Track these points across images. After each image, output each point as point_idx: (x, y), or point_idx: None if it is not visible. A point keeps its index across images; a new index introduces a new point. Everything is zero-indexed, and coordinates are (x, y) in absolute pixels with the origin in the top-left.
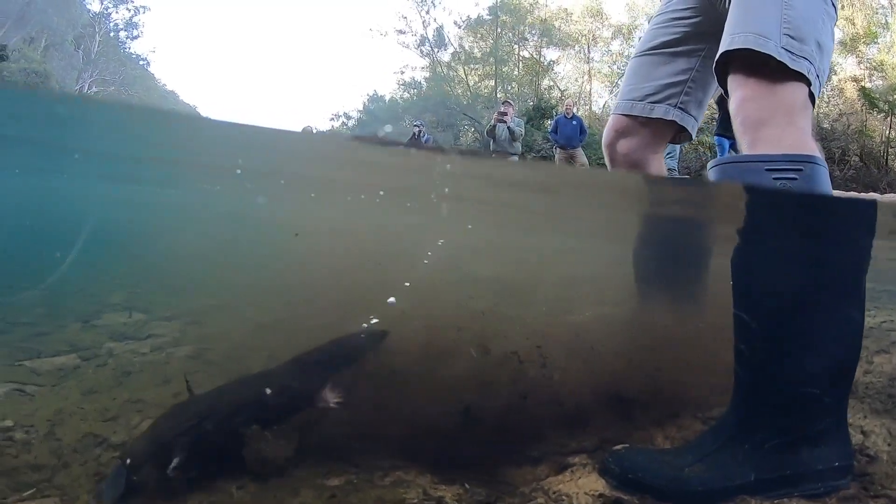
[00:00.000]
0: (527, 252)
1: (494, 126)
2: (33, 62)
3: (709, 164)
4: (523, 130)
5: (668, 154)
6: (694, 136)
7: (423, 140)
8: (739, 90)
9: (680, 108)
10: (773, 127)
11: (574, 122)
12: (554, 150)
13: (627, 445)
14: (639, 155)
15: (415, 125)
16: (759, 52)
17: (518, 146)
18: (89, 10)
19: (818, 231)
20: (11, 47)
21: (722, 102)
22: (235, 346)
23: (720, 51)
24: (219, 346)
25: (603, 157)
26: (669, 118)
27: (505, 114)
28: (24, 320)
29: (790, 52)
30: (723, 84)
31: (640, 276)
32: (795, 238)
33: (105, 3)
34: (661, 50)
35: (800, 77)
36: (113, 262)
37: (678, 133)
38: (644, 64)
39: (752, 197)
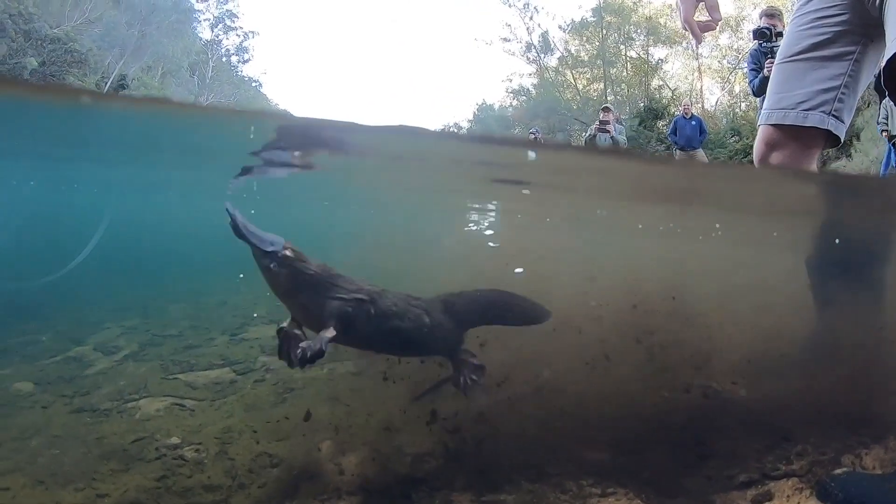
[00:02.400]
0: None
1: (595, 136)
2: (152, 89)
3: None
4: (626, 138)
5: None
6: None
7: None
8: None
9: (834, 115)
10: None
11: (693, 123)
12: (674, 151)
13: (848, 469)
14: (792, 167)
15: (531, 132)
16: None
17: None
18: (201, 38)
19: None
20: (131, 76)
21: None
22: (393, 362)
23: (887, 56)
24: (377, 362)
25: (723, 158)
26: (825, 127)
27: (606, 122)
28: (171, 332)
29: None
30: (891, 88)
31: (822, 284)
32: None
33: (216, 30)
34: (809, 54)
35: None
36: (253, 275)
37: (825, 141)
38: (793, 70)
39: None
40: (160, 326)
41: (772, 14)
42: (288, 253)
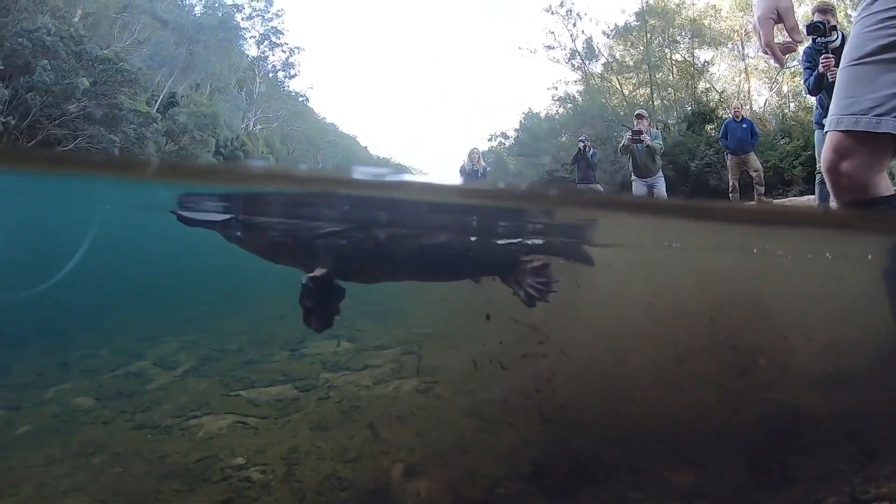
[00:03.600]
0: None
1: (628, 146)
2: (202, 105)
3: None
4: (661, 143)
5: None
6: None
7: (590, 155)
8: None
9: None
10: None
11: (744, 126)
12: (725, 155)
13: None
14: (864, 175)
15: (580, 141)
16: None
17: (659, 162)
18: (248, 55)
19: None
20: (180, 93)
21: None
22: (462, 379)
23: None
24: (444, 379)
25: (773, 161)
26: None
27: (640, 132)
28: (231, 347)
29: None
30: None
31: None
32: None
33: (262, 47)
34: (878, 56)
35: None
36: None
37: None
38: (862, 73)
39: None
40: (219, 341)
41: (824, 10)
42: (242, 216)
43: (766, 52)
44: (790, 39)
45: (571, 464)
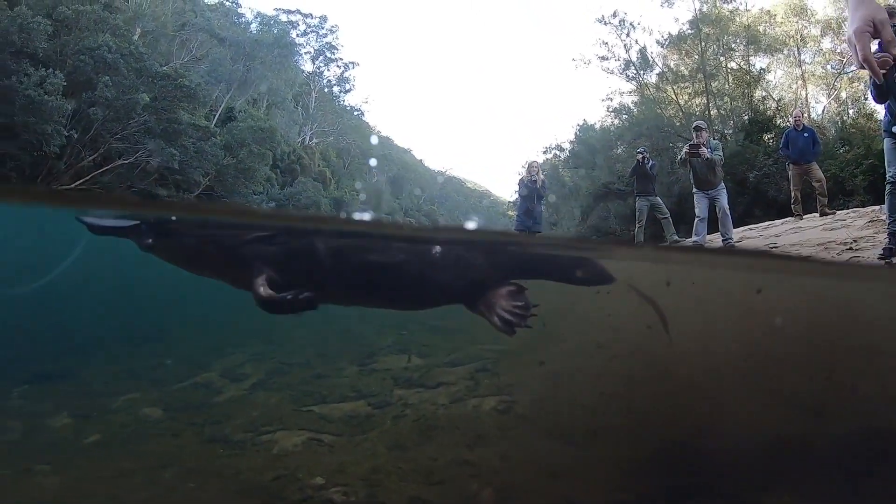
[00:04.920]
0: None
1: (687, 160)
2: (259, 120)
3: None
4: (721, 154)
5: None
6: None
7: (649, 167)
8: None
9: None
10: None
11: (806, 135)
12: (787, 166)
13: None
14: None
15: (638, 152)
16: None
17: (720, 173)
18: (303, 70)
19: None
20: (238, 108)
21: None
22: (541, 398)
23: None
24: (523, 398)
25: (833, 170)
26: None
27: (698, 145)
28: (297, 360)
29: None
30: None
31: None
32: None
33: (317, 62)
34: None
35: None
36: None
37: None
38: None
39: None
40: (285, 354)
41: (892, 13)
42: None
43: (863, 67)
44: (884, 53)
45: (672, 491)
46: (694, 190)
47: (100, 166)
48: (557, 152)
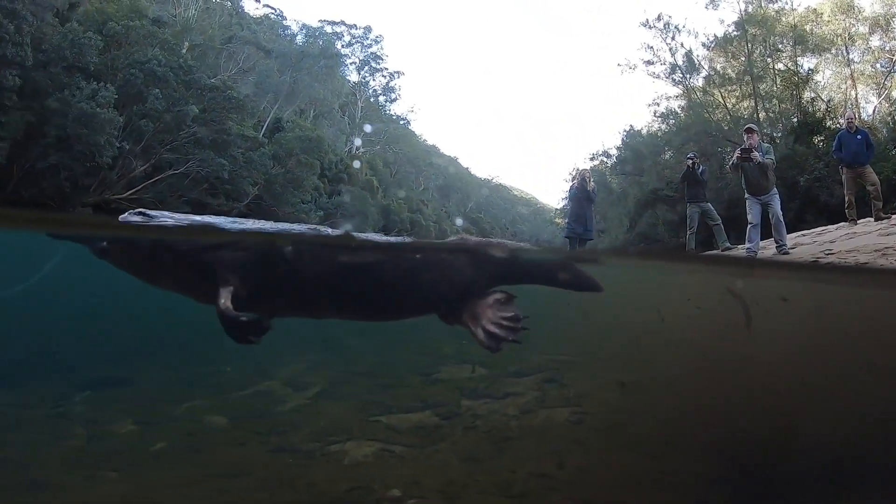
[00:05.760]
0: None
1: (738, 165)
2: (306, 130)
3: None
4: (773, 158)
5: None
6: None
7: (699, 172)
8: None
9: None
10: None
11: (859, 137)
12: (840, 169)
13: None
14: None
15: (688, 158)
16: None
17: (772, 178)
18: (349, 81)
19: None
20: (285, 119)
21: None
22: (613, 410)
23: None
24: (595, 410)
25: (886, 172)
26: None
27: (750, 149)
28: (360, 369)
29: None
30: None
31: None
32: None
33: (362, 72)
34: None
35: None
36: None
37: None
38: None
39: None
40: (346, 363)
41: None
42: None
43: None
44: None
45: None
46: (746, 195)
47: (151, 176)
48: (604, 159)
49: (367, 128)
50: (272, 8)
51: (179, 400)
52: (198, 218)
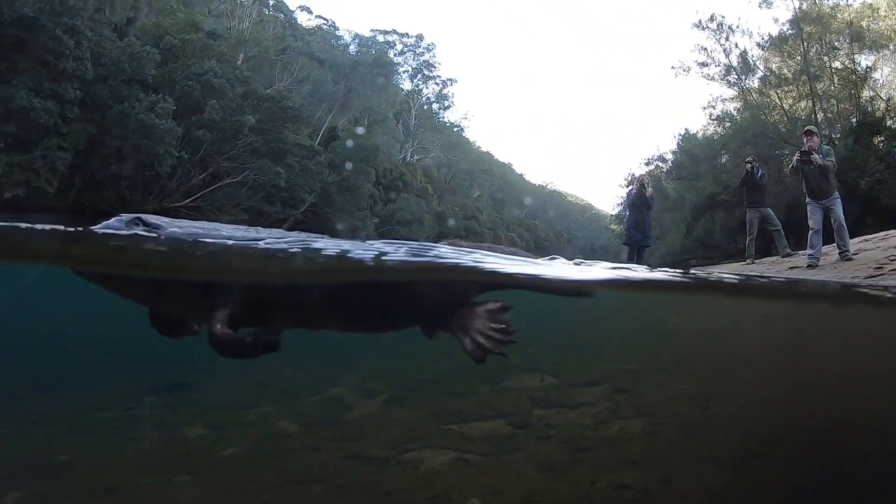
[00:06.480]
0: None
1: (798, 168)
2: (361, 138)
3: None
4: (835, 160)
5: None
6: None
7: (759, 176)
8: None
9: None
10: None
11: None
12: None
13: None
14: None
15: (747, 161)
16: None
17: (833, 181)
18: (402, 89)
19: None
20: (340, 127)
21: None
22: (688, 421)
23: None
24: (669, 421)
25: None
26: None
27: (809, 152)
28: (428, 376)
29: None
30: None
31: None
32: None
33: (415, 81)
34: None
35: None
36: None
37: None
38: None
39: None
40: (412, 369)
41: None
42: None
43: None
44: None
45: None
46: (806, 200)
47: (209, 185)
48: (660, 163)
49: (421, 135)
50: (324, 19)
51: (247, 406)
52: (208, 225)
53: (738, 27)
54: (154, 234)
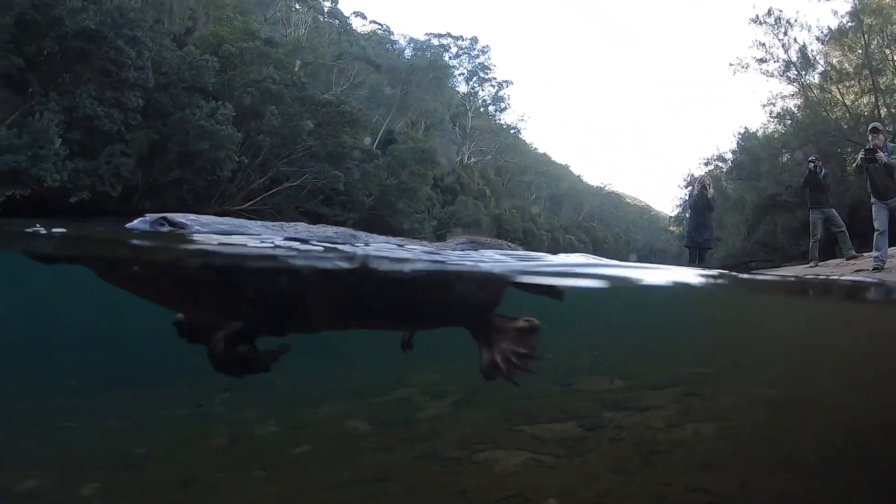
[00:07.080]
0: None
1: (864, 167)
2: (419, 141)
3: None
4: None
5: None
6: None
7: (822, 176)
8: None
9: None
10: None
11: None
12: None
13: None
14: None
15: (809, 161)
16: None
17: None
18: (458, 92)
19: None
20: (397, 131)
21: None
22: (759, 425)
23: None
24: (742, 425)
25: None
26: None
27: (874, 151)
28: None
29: None
30: None
31: None
32: None
33: (471, 83)
34: None
35: None
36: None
37: None
38: None
39: None
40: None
41: None
42: None
43: None
44: None
45: None
46: (872, 200)
47: (268, 189)
48: (719, 163)
49: (478, 138)
50: (379, 24)
51: (316, 404)
52: (235, 222)
53: (796, 21)
54: (181, 232)
